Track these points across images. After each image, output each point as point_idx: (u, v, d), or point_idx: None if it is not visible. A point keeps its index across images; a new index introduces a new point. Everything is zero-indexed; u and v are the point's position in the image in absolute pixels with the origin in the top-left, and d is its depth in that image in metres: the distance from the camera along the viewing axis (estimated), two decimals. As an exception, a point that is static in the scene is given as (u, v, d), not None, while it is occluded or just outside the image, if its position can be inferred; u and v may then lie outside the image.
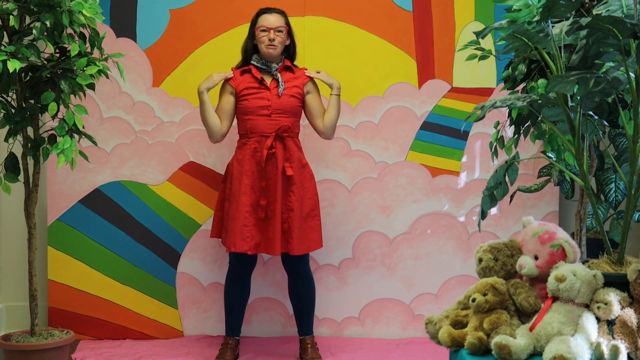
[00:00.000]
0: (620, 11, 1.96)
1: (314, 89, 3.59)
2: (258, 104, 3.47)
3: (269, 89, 3.48)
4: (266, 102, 3.47)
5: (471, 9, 3.95)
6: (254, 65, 3.51)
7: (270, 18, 3.46)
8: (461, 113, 3.96)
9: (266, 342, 3.86)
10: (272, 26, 3.44)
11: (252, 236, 3.43)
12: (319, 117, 3.57)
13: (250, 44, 3.52)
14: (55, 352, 3.12)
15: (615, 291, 2.01)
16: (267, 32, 3.45)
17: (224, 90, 3.54)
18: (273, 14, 3.48)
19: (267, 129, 3.47)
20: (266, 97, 3.48)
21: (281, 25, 3.48)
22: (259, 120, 3.47)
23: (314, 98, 3.57)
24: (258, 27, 3.46)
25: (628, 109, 2.62)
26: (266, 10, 3.51)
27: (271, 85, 3.49)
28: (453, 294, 3.96)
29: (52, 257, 3.88)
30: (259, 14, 3.52)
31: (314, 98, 3.57)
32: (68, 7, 2.92)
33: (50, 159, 3.72)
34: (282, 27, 3.47)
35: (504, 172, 2.24)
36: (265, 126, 3.47)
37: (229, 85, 3.52)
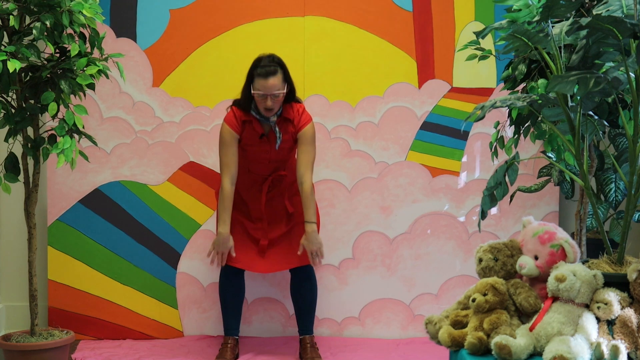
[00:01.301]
0: (620, 11, 1.96)
1: (305, 141, 3.50)
2: (257, 155, 3.53)
3: (268, 142, 3.50)
4: (265, 153, 3.52)
5: (471, 9, 3.95)
6: (254, 117, 3.47)
7: (267, 83, 3.34)
8: (461, 113, 3.96)
9: (266, 342, 3.86)
10: (269, 92, 3.35)
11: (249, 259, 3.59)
12: (300, 166, 3.49)
13: (249, 95, 3.41)
14: (55, 352, 3.12)
15: (615, 291, 2.01)
16: (264, 98, 3.36)
17: (231, 140, 3.46)
18: (270, 79, 3.34)
19: (264, 171, 3.56)
20: (265, 148, 3.51)
21: (278, 87, 3.37)
22: (257, 165, 3.55)
23: (302, 150, 3.51)
24: (255, 92, 3.37)
25: (628, 109, 2.62)
26: (262, 72, 3.35)
27: (270, 135, 3.49)
28: (453, 294, 3.96)
29: (52, 257, 3.88)
30: (255, 74, 3.37)
31: (302, 150, 3.51)
32: (68, 7, 2.92)
33: (50, 159, 3.72)
34: (279, 91, 3.37)
35: (504, 172, 2.24)
36: (263, 169, 3.56)
37: (234, 133, 3.46)
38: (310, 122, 3.53)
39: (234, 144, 3.47)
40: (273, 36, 3.91)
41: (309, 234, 3.48)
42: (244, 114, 3.46)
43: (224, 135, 3.48)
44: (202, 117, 3.92)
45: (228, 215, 3.47)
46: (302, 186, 3.48)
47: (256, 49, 3.90)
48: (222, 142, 3.49)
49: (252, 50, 3.90)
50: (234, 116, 3.47)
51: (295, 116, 3.49)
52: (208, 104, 3.92)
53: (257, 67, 3.39)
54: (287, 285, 3.89)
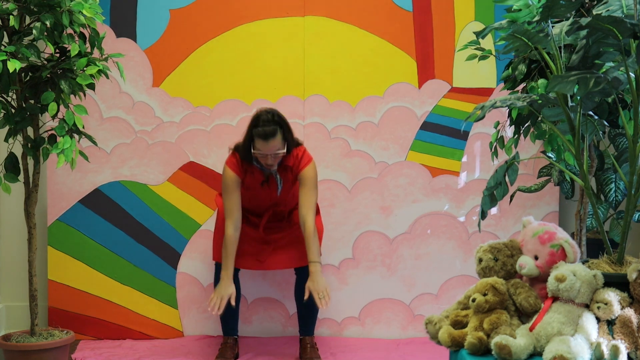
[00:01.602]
0: (620, 11, 1.96)
1: (306, 183, 3.49)
2: (258, 198, 3.55)
3: (269, 188, 3.51)
4: (266, 197, 3.54)
5: (471, 9, 3.95)
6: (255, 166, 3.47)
7: (267, 145, 3.32)
8: (461, 113, 3.96)
9: (266, 342, 3.86)
10: (269, 152, 3.35)
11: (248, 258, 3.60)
12: (302, 208, 3.47)
13: (249, 149, 3.39)
14: (55, 352, 3.12)
15: (615, 291, 2.01)
16: (264, 157, 3.36)
17: (234, 184, 3.45)
18: (270, 141, 3.31)
19: (264, 207, 3.60)
20: (266, 193, 3.53)
21: (278, 147, 3.35)
22: (257, 204, 3.58)
23: (304, 192, 3.49)
24: (255, 152, 3.36)
25: (628, 109, 2.62)
26: (263, 132, 3.32)
27: (271, 181, 3.50)
28: (453, 294, 3.96)
29: (52, 257, 3.88)
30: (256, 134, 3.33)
31: (304, 192, 3.49)
32: (68, 7, 2.92)
33: (50, 159, 3.72)
34: (279, 151, 3.36)
35: (504, 172, 2.24)
36: (263, 207, 3.60)
37: (237, 177, 3.46)
38: (310, 164, 3.50)
39: (237, 188, 3.46)
40: (273, 36, 3.91)
41: (314, 274, 3.38)
42: (244, 163, 3.46)
43: (227, 180, 3.46)
44: (202, 117, 3.92)
45: (231, 261, 3.45)
46: (304, 227, 3.43)
47: (256, 49, 3.92)
48: (225, 187, 3.47)
49: (252, 50, 3.91)
50: (235, 161, 3.46)
51: (295, 162, 3.49)
52: (208, 104, 3.92)
53: (257, 126, 3.34)
54: (287, 285, 3.89)
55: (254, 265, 3.62)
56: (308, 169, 3.48)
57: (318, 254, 3.42)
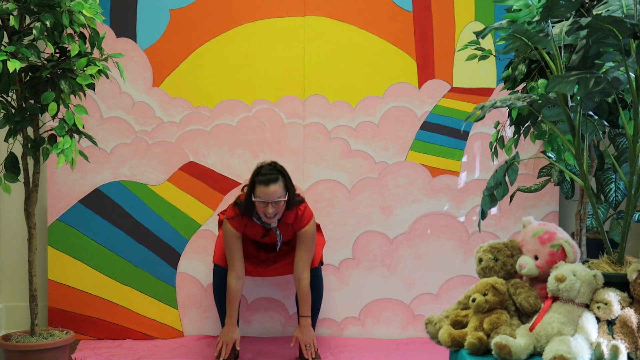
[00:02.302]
0: (620, 11, 1.96)
1: (304, 240, 3.52)
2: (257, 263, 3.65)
3: (269, 239, 3.56)
4: (266, 248, 3.64)
5: (471, 9, 3.95)
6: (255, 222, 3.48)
7: (268, 191, 3.34)
8: (461, 113, 3.96)
9: (266, 342, 3.86)
10: (270, 200, 3.35)
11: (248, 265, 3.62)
12: (298, 264, 3.52)
13: (251, 202, 3.40)
14: (55, 352, 3.12)
15: (615, 291, 2.01)
16: (265, 205, 3.36)
17: (235, 238, 3.48)
18: (271, 186, 3.34)
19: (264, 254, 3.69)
20: (266, 244, 3.61)
21: (279, 194, 3.36)
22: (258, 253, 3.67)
23: (301, 248, 3.53)
24: (256, 200, 3.37)
25: (628, 109, 2.62)
26: (264, 178, 3.36)
27: (271, 235, 3.53)
28: (453, 294, 3.96)
29: (52, 257, 3.88)
30: (257, 181, 3.37)
31: (301, 248, 3.53)
32: (68, 7, 2.92)
33: (50, 159, 3.72)
34: (280, 199, 3.37)
35: (504, 172, 2.24)
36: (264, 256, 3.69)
37: (237, 232, 3.48)
38: (310, 221, 3.52)
39: (237, 241, 3.50)
40: (273, 36, 3.91)
41: (303, 327, 3.53)
42: (244, 218, 3.47)
43: (227, 234, 3.49)
44: (202, 117, 3.92)
45: (235, 310, 3.51)
46: (299, 283, 3.52)
47: (256, 49, 3.91)
48: (226, 240, 3.50)
49: (252, 50, 3.91)
50: (234, 215, 3.47)
51: (295, 220, 3.49)
52: (208, 104, 3.92)
53: (259, 174, 3.39)
54: (287, 285, 3.89)
55: (254, 273, 3.67)
56: (307, 227, 3.51)
57: (309, 310, 3.55)
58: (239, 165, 3.93)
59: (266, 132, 3.93)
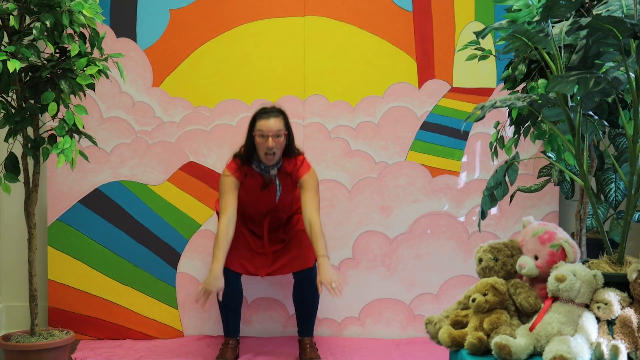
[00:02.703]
0: (620, 11, 1.96)
1: (308, 187, 3.49)
2: (258, 204, 3.56)
3: (269, 194, 3.52)
4: (265, 203, 3.54)
5: (471, 9, 3.95)
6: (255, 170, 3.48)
7: (269, 123, 3.35)
8: (461, 113, 3.96)
9: (266, 342, 3.86)
10: (270, 132, 3.35)
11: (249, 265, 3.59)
12: (307, 210, 3.47)
13: (251, 145, 3.41)
14: (55, 352, 3.12)
15: (615, 291, 2.01)
16: (265, 139, 3.36)
17: (232, 187, 3.46)
18: (271, 119, 3.37)
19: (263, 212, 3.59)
20: (265, 199, 3.53)
21: (280, 129, 3.37)
22: (256, 210, 3.58)
23: (307, 196, 3.49)
24: (256, 133, 3.37)
25: (628, 109, 2.62)
26: (264, 114, 3.40)
27: (270, 187, 3.50)
28: (453, 294, 3.96)
29: (52, 257, 3.88)
30: (257, 117, 3.40)
31: (307, 196, 3.49)
32: (68, 7, 2.92)
33: (50, 159, 3.72)
34: (280, 132, 3.37)
35: (504, 172, 2.24)
36: (262, 212, 3.58)
37: (236, 181, 3.47)
38: (310, 170, 3.52)
39: (234, 190, 3.48)
40: (273, 36, 3.91)
41: (322, 267, 3.33)
42: (245, 167, 3.47)
43: (225, 182, 3.48)
44: (202, 117, 3.92)
45: (222, 254, 3.39)
46: (311, 226, 3.41)
47: (256, 49, 3.91)
48: (223, 188, 3.48)
49: (252, 50, 3.91)
50: (235, 166, 3.48)
51: (294, 169, 3.50)
52: (208, 104, 3.92)
53: (259, 112, 3.43)
54: (287, 285, 3.89)
55: (253, 272, 3.63)
56: (309, 175, 3.50)
57: (326, 249, 3.38)
58: (239, 165, 3.92)
59: (266, 132, 3.93)
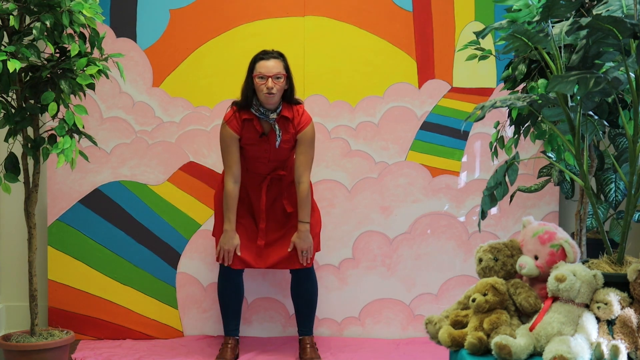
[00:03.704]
0: (620, 11, 1.96)
1: (304, 142, 3.50)
2: (257, 154, 3.52)
3: (268, 142, 3.49)
4: (264, 152, 3.51)
5: (471, 9, 3.95)
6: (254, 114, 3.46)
7: (268, 64, 3.36)
8: (461, 113, 3.96)
9: (266, 342, 3.86)
10: (269, 74, 3.35)
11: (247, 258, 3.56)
12: (299, 167, 3.50)
13: (250, 89, 3.42)
14: (55, 352, 3.12)
15: (615, 291, 2.01)
16: (264, 80, 3.36)
17: (232, 141, 3.46)
18: (271, 60, 3.37)
19: (263, 171, 3.56)
20: (265, 148, 3.50)
21: (279, 71, 3.37)
22: (256, 164, 3.55)
23: (300, 151, 3.50)
24: (256, 75, 3.37)
25: (628, 109, 2.62)
26: (264, 55, 3.41)
27: (270, 134, 3.48)
28: (453, 294, 3.96)
29: (52, 257, 3.88)
30: (256, 59, 3.41)
31: (300, 151, 3.50)
32: (68, 7, 2.92)
33: (50, 159, 3.72)
34: (280, 74, 3.37)
35: (504, 172, 2.24)
36: (262, 168, 3.55)
37: (234, 134, 3.46)
38: (310, 123, 3.53)
39: (235, 144, 3.47)
40: (273, 36, 3.91)
41: (302, 232, 3.51)
42: (244, 112, 3.46)
43: (224, 136, 3.48)
44: (202, 117, 3.92)
45: (233, 213, 3.48)
46: (299, 186, 3.50)
47: (256, 49, 3.90)
48: (223, 143, 3.49)
49: (252, 50, 3.89)
50: (233, 115, 3.47)
51: (296, 116, 3.49)
52: (208, 104, 3.92)
53: (259, 53, 3.44)
54: (287, 285, 3.89)
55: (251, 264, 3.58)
56: (308, 129, 3.51)
57: (308, 215, 3.52)
58: (239, 165, 3.92)
59: (266, 132, 3.93)
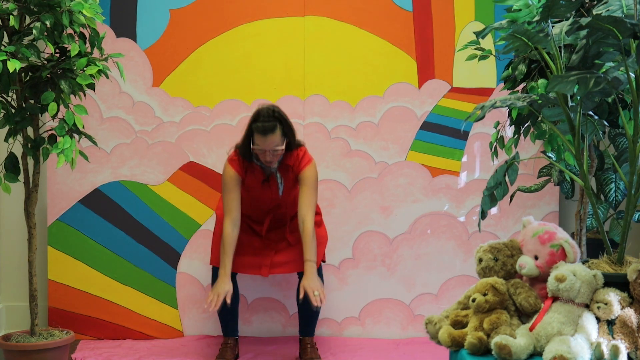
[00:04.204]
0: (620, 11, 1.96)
1: (305, 182, 3.46)
2: (260, 197, 3.51)
3: (270, 188, 3.49)
4: (267, 197, 3.51)
5: (471, 9, 3.95)
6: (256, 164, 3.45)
7: (266, 140, 3.30)
8: (461, 113, 3.96)
9: (266, 342, 3.86)
10: (267, 148, 3.33)
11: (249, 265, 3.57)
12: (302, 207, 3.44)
13: (249, 146, 3.38)
14: (55, 352, 3.12)
15: (615, 291, 2.01)
16: (263, 153, 3.34)
17: (234, 182, 3.43)
18: (268, 136, 3.29)
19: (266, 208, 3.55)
20: (268, 193, 3.51)
21: (276, 143, 3.33)
22: (258, 203, 3.54)
23: (303, 191, 3.46)
24: (254, 147, 3.35)
25: (628, 109, 2.62)
26: (262, 128, 3.29)
27: (272, 181, 3.48)
28: (453, 294, 3.96)
29: (52, 257, 3.88)
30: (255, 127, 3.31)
31: (303, 191, 3.46)
32: (68, 7, 2.92)
33: (50, 159, 3.72)
34: (278, 147, 3.34)
35: (504, 172, 2.24)
36: (265, 207, 3.55)
37: (237, 175, 3.44)
38: (310, 164, 3.48)
39: (237, 186, 3.44)
40: (273, 36, 3.91)
41: (308, 272, 3.35)
42: (246, 161, 3.45)
43: (227, 178, 3.44)
44: (202, 117, 3.92)
45: (229, 259, 3.40)
46: (303, 226, 3.41)
47: (256, 49, 3.92)
48: (225, 185, 3.45)
49: (252, 50, 3.91)
50: (237, 159, 3.45)
51: (295, 162, 3.47)
52: (208, 104, 3.92)
53: (256, 121, 3.33)
54: (287, 285, 3.89)
55: (256, 272, 3.60)
56: (308, 168, 3.46)
57: (314, 254, 3.38)
58: (239, 165, 3.92)
59: (266, 132, 3.93)
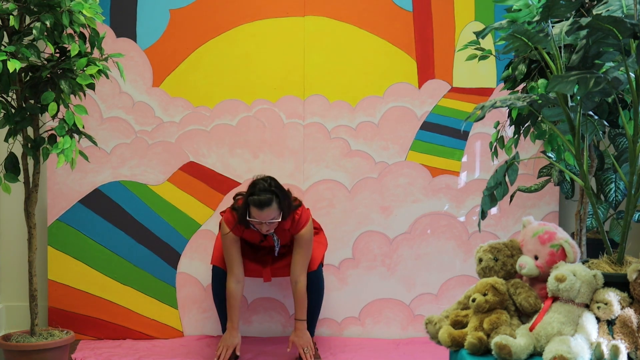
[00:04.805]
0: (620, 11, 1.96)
1: (301, 243, 3.49)
2: (256, 259, 3.60)
3: (268, 245, 3.55)
4: (264, 258, 3.60)
5: (471, 9, 3.95)
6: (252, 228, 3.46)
7: (262, 214, 3.31)
8: (461, 113, 3.96)
9: (266, 342, 3.86)
10: (263, 221, 3.34)
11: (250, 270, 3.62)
12: (295, 267, 3.50)
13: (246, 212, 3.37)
14: (55, 352, 3.12)
15: (615, 291, 2.01)
16: (260, 224, 3.36)
17: (233, 242, 3.47)
18: (265, 210, 3.30)
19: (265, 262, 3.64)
20: (264, 254, 3.60)
21: (273, 216, 3.34)
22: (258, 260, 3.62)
23: (297, 252, 3.50)
24: (251, 219, 3.35)
25: (628, 109, 2.62)
26: (258, 201, 3.30)
27: (268, 239, 3.51)
28: (453, 294, 3.96)
29: (52, 257, 3.88)
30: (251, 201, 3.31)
31: (297, 252, 3.50)
32: (68, 7, 2.92)
33: (50, 159, 3.72)
34: (273, 219, 3.35)
35: (504, 172, 2.24)
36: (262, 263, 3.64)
37: (234, 236, 3.46)
38: (307, 225, 3.49)
39: (235, 244, 3.49)
40: (273, 36, 3.91)
41: (299, 330, 3.50)
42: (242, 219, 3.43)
43: (225, 238, 3.47)
44: (202, 117, 3.92)
45: (235, 313, 3.49)
46: (296, 286, 3.50)
47: (256, 49, 3.92)
48: (224, 243, 3.49)
49: (252, 50, 3.91)
50: (233, 220, 3.45)
51: (292, 225, 3.47)
52: (208, 104, 3.92)
53: (253, 194, 3.33)
54: (287, 285, 3.89)
55: (257, 275, 3.65)
56: (304, 231, 3.48)
57: (305, 314, 3.52)
58: (239, 165, 3.93)
59: (266, 132, 3.93)
